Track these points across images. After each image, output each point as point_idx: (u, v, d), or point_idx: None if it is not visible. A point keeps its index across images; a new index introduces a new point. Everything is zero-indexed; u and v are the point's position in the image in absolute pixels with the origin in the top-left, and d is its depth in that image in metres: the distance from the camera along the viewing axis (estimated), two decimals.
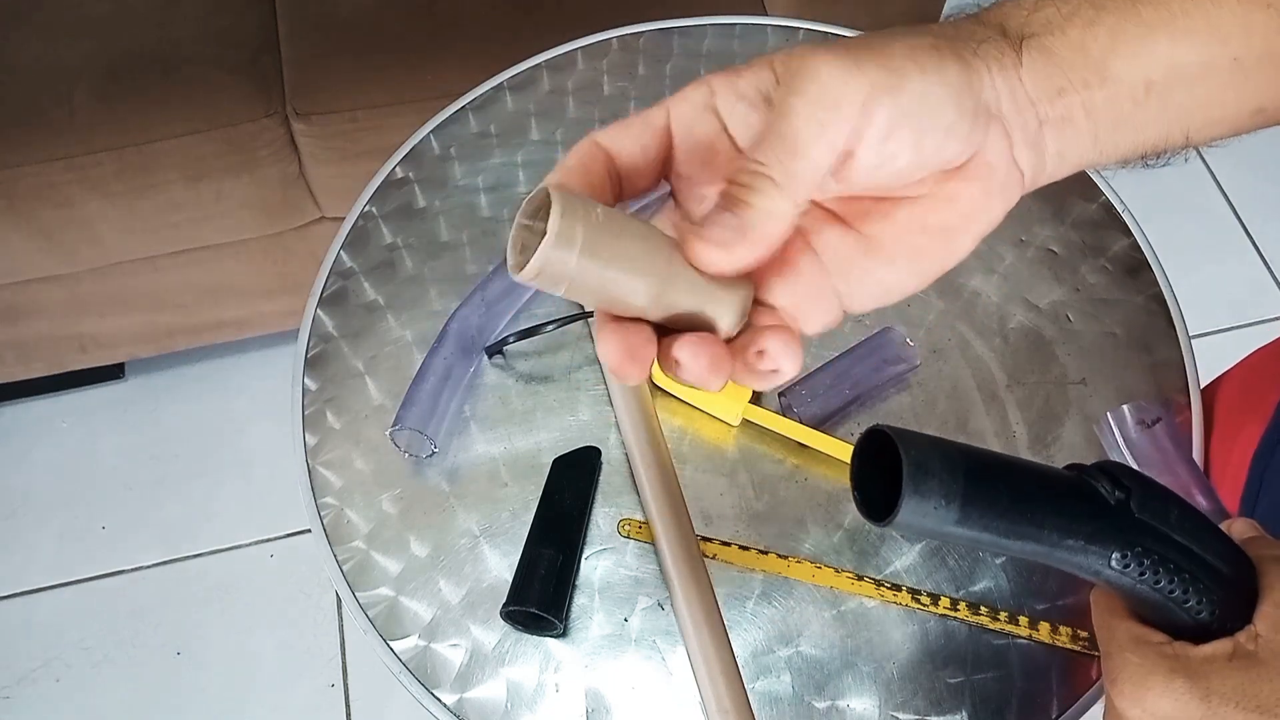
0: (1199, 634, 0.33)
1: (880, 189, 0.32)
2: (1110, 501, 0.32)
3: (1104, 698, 0.37)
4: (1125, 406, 0.62)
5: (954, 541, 0.31)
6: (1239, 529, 0.38)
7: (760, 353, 0.31)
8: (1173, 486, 0.34)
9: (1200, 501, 0.57)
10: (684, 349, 0.30)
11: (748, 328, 0.31)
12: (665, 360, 0.31)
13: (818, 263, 0.33)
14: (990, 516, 0.30)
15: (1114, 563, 0.32)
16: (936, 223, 0.32)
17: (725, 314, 0.30)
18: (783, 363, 0.31)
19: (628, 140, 0.32)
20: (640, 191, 0.33)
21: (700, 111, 0.32)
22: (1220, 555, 0.33)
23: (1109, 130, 0.33)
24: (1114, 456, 0.61)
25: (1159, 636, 0.34)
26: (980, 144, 0.31)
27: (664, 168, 0.33)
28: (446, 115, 0.78)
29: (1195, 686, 0.32)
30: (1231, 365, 0.68)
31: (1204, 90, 0.34)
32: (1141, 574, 0.32)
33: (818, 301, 0.32)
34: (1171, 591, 0.32)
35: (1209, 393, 0.67)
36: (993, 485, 0.31)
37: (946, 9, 1.26)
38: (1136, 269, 0.70)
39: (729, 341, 0.31)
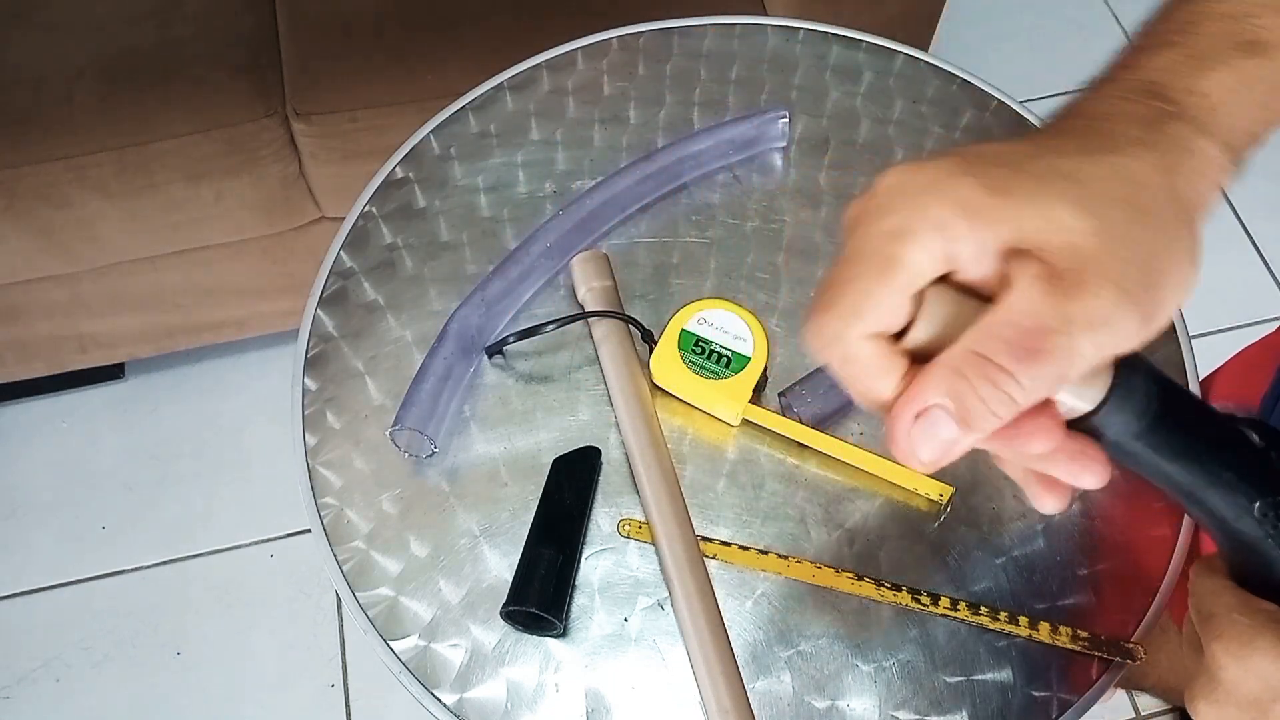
0: None
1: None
2: (1257, 447, 0.33)
3: (1192, 669, 0.37)
4: None
5: (1122, 452, 0.31)
6: None
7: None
8: None
9: None
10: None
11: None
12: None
13: None
14: (1170, 437, 0.31)
15: (1257, 510, 0.32)
16: None
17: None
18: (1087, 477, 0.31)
19: (888, 318, 0.29)
20: None
21: (940, 263, 0.28)
22: None
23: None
24: None
25: (1269, 605, 0.34)
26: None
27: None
28: (446, 115, 0.78)
29: None
30: (1220, 364, 0.68)
31: None
32: (1275, 525, 0.32)
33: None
34: None
35: (1203, 387, 0.67)
36: (1182, 410, 0.31)
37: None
38: None
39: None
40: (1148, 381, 0.31)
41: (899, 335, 0.30)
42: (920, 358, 0.29)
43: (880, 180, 0.29)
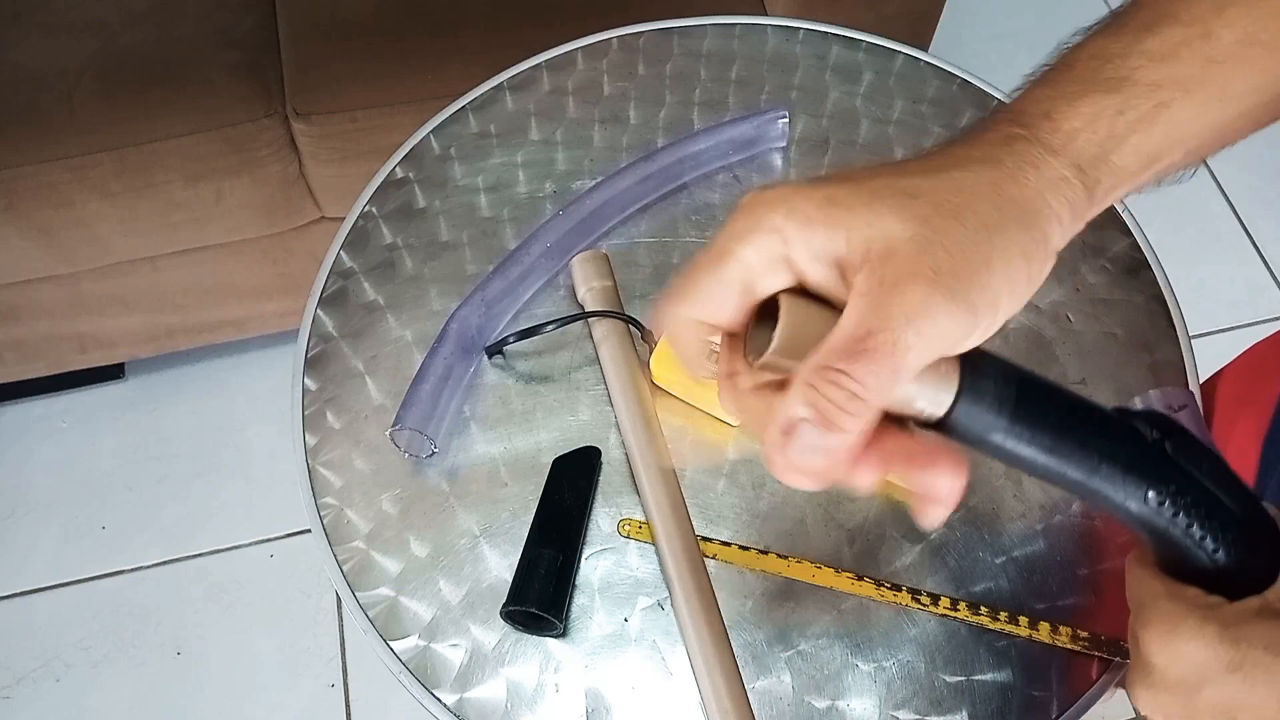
0: (1222, 588, 0.34)
1: None
2: (1148, 439, 0.33)
3: (1130, 657, 0.37)
4: (1152, 392, 0.62)
5: (999, 454, 0.32)
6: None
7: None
8: None
9: None
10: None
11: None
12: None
13: None
14: (1039, 430, 0.31)
15: (1148, 498, 0.33)
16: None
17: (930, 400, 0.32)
18: (946, 492, 0.32)
19: (713, 306, 0.32)
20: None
21: (773, 264, 0.31)
22: (1246, 508, 0.34)
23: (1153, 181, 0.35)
24: None
25: (1193, 591, 0.35)
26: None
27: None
28: (446, 115, 0.78)
29: (1226, 633, 0.33)
30: (1230, 360, 0.68)
31: (1227, 132, 0.36)
32: (1175, 514, 0.33)
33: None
34: (1202, 537, 0.33)
35: (1208, 387, 0.67)
36: (1045, 401, 0.32)
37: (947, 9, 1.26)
38: (1136, 269, 0.70)
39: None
40: (997, 377, 0.31)
41: (757, 348, 0.32)
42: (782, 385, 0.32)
43: (744, 197, 0.32)
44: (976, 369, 0.31)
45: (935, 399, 0.31)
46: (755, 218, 0.31)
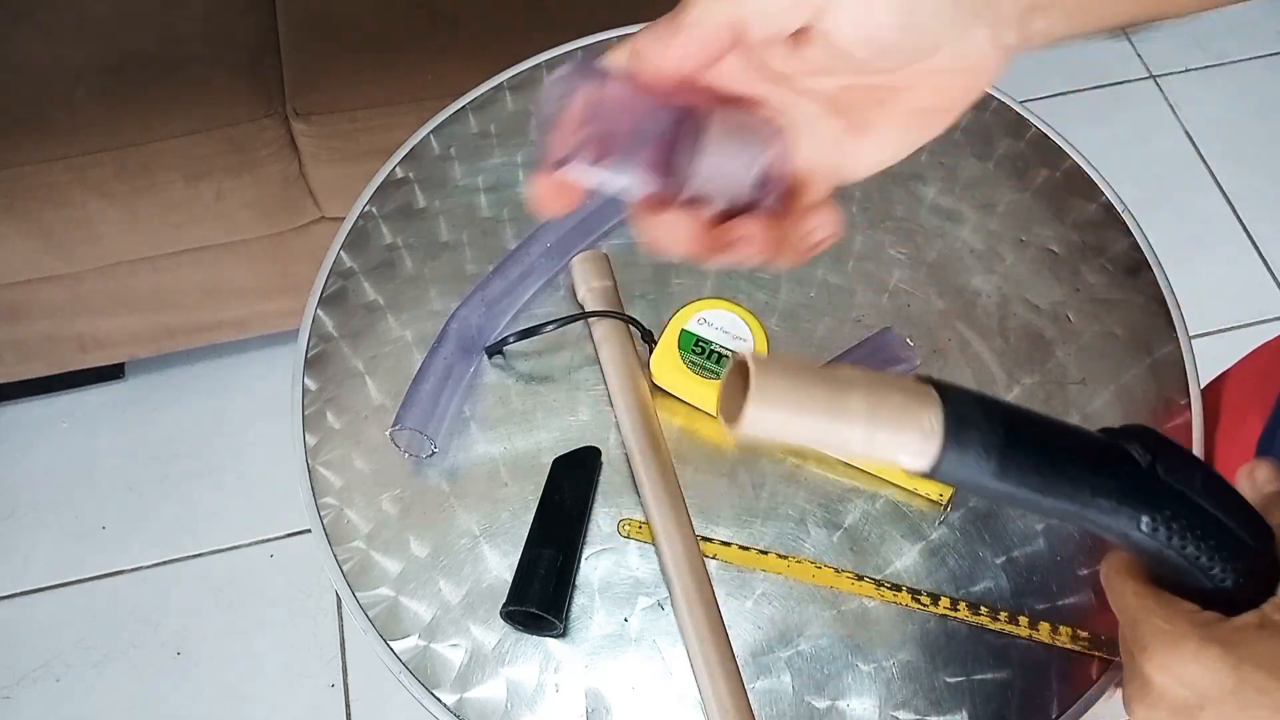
0: (1218, 600, 0.34)
1: (866, 68, 0.33)
2: (1141, 464, 0.32)
3: (1124, 670, 0.37)
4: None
5: (990, 496, 0.32)
6: (1262, 475, 0.38)
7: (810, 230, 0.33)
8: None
9: None
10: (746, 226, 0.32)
11: (789, 213, 0.33)
12: (722, 241, 0.32)
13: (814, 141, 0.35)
14: (1028, 471, 0.31)
15: (1143, 525, 0.32)
16: (923, 105, 0.34)
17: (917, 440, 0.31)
18: (829, 229, 0.34)
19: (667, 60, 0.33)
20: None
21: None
22: (1243, 523, 0.33)
23: (1098, 5, 0.35)
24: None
25: (1188, 605, 0.34)
26: (966, 30, 0.32)
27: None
28: (446, 115, 0.78)
29: (1227, 654, 0.32)
30: (1236, 361, 0.68)
31: None
32: (1169, 538, 0.32)
33: (814, 175, 0.35)
34: (1197, 557, 0.33)
35: (1215, 387, 0.67)
36: (1031, 440, 0.31)
37: None
38: (1136, 269, 0.70)
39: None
40: (981, 424, 0.31)
41: (730, 414, 0.32)
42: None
43: None
44: (960, 418, 0.31)
45: (920, 451, 0.31)
46: None
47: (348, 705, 1.30)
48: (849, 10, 0.30)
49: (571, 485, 0.61)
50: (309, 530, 0.62)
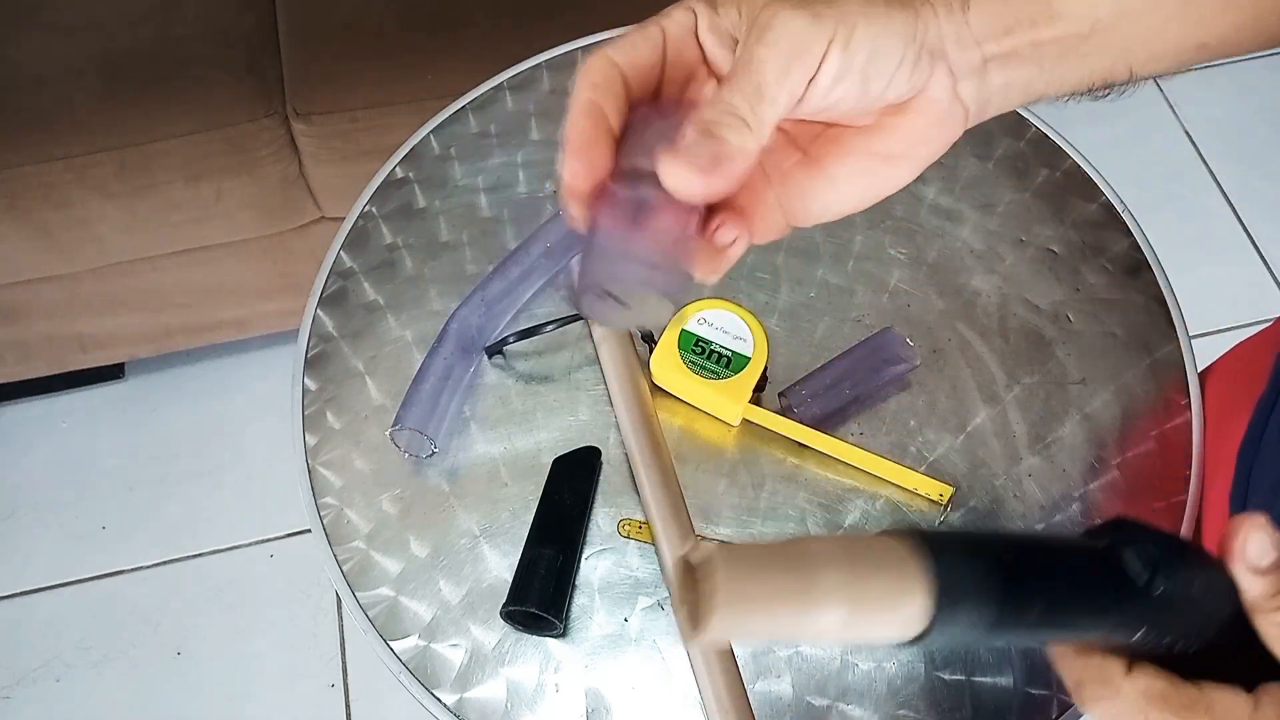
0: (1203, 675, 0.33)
1: (828, 119, 0.35)
2: (1138, 584, 0.31)
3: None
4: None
5: (988, 646, 0.31)
6: (1255, 550, 0.34)
7: (718, 227, 0.35)
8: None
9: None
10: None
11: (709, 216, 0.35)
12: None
13: (764, 178, 0.36)
14: (1020, 629, 0.31)
15: (1136, 638, 0.32)
16: (881, 150, 0.35)
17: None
18: (734, 234, 0.35)
19: (636, 56, 0.35)
20: (640, 102, 0.36)
21: (686, 35, 0.35)
22: (1235, 618, 0.33)
23: (1054, 64, 0.36)
24: None
25: (1183, 695, 0.32)
26: (923, 83, 0.34)
27: (658, 82, 0.36)
28: (446, 115, 0.78)
29: None
30: (1216, 359, 0.68)
31: (1149, 25, 0.36)
32: (1159, 644, 0.32)
33: (765, 213, 0.37)
34: (1183, 650, 0.32)
35: (1199, 379, 0.67)
36: (1025, 600, 0.30)
37: None
38: (1136, 269, 0.70)
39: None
40: (971, 576, 0.29)
41: (692, 616, 0.30)
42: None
43: None
44: (950, 600, 0.29)
45: (902, 635, 0.29)
46: (680, 3, 0.36)
47: (348, 705, 1.30)
48: (829, 88, 0.32)
49: (571, 485, 0.61)
50: (309, 530, 0.62)
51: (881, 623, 0.29)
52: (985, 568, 0.30)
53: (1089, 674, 0.34)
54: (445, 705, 0.56)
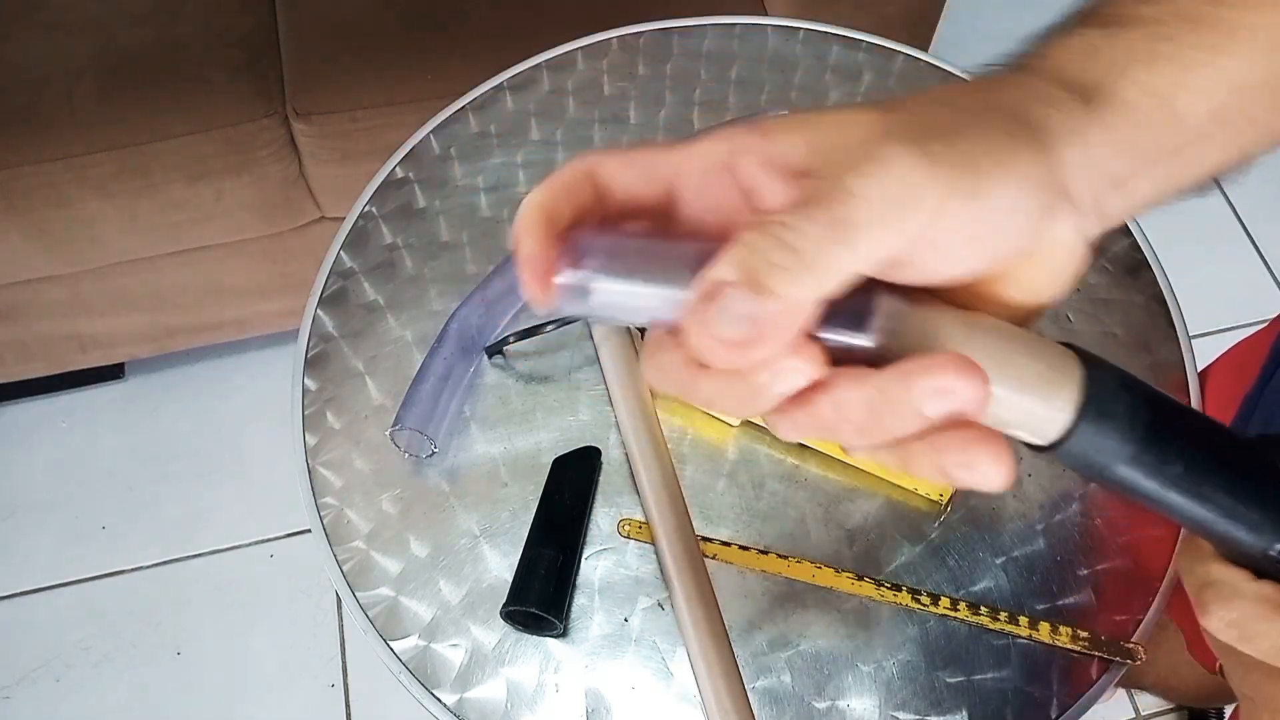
0: None
1: (920, 282, 0.27)
2: None
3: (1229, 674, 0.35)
4: None
5: (1112, 485, 0.28)
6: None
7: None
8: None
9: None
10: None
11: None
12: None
13: None
14: (1161, 477, 0.28)
15: (1274, 550, 0.29)
16: (1010, 299, 0.29)
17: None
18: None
19: (627, 178, 0.29)
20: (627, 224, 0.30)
21: (715, 173, 0.28)
22: None
23: (1173, 170, 0.31)
24: None
25: None
26: (1049, 230, 0.27)
27: (664, 218, 0.30)
28: (446, 115, 0.78)
29: None
30: (1212, 360, 0.68)
31: (1265, 106, 0.31)
32: None
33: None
34: None
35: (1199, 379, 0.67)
36: (1178, 426, 0.28)
37: (948, 7, 1.26)
38: (1136, 269, 0.70)
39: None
40: (1127, 393, 0.27)
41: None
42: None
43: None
44: (1102, 384, 0.26)
45: (1047, 417, 0.26)
46: (708, 135, 0.28)
47: (348, 705, 1.30)
48: (940, 246, 0.25)
49: (571, 485, 0.61)
50: (309, 530, 0.62)
51: (1027, 408, 0.26)
52: (1140, 401, 0.27)
53: (1215, 575, 0.32)
54: (445, 705, 0.56)
